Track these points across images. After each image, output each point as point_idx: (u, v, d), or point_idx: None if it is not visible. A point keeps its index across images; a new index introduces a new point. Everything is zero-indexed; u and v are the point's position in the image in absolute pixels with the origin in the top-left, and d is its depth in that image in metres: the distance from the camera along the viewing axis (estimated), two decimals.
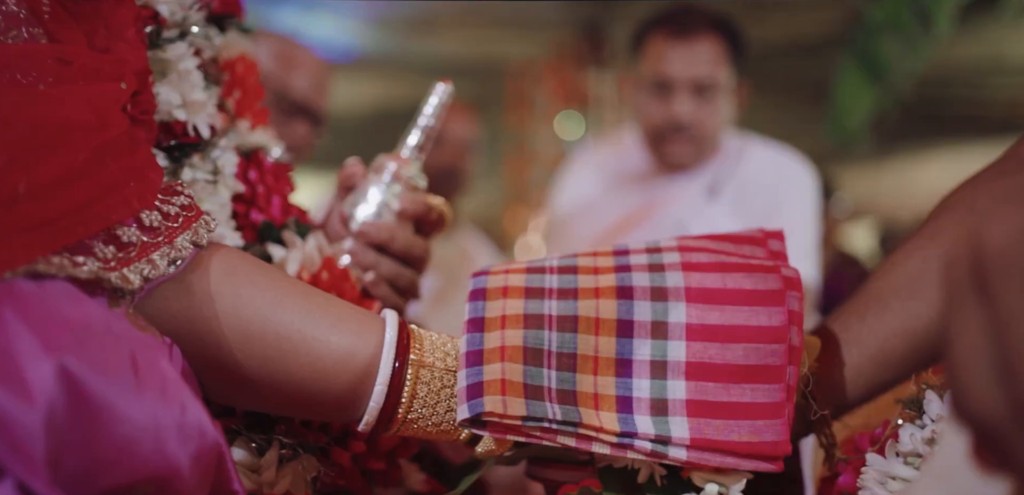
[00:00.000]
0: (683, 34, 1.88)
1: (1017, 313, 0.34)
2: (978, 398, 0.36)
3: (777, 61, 7.42)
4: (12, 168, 0.53)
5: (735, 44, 1.94)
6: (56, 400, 0.47)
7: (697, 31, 1.89)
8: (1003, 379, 0.35)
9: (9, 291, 0.49)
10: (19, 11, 0.63)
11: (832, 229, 5.36)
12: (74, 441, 0.48)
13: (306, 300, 0.68)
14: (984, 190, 0.81)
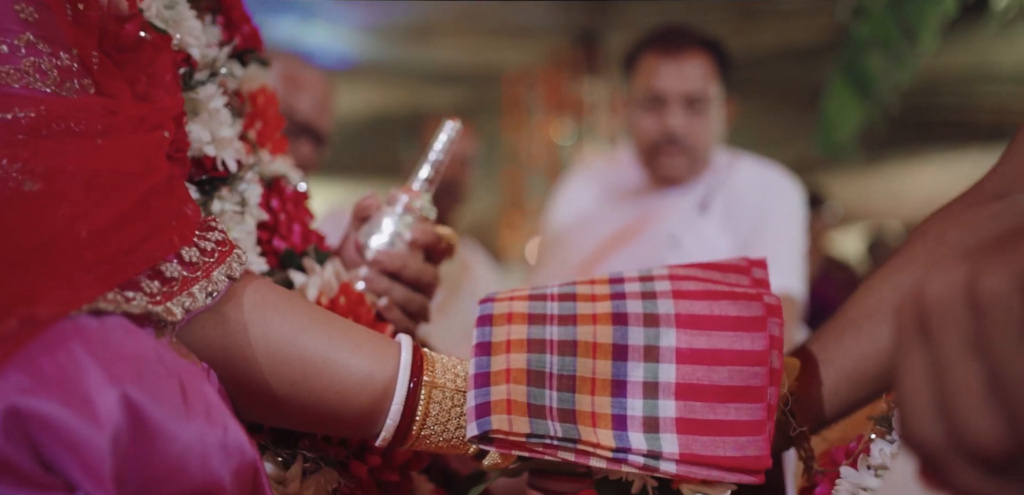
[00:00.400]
0: (674, 51, 1.96)
1: (951, 359, 0.41)
2: (921, 428, 0.42)
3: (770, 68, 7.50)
4: (74, 216, 0.60)
5: (722, 61, 2.02)
6: (120, 425, 0.54)
7: (687, 48, 1.96)
8: (941, 414, 0.41)
9: (76, 328, 0.55)
10: (72, 65, 0.69)
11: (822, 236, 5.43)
12: (134, 461, 0.55)
13: (329, 327, 0.74)
14: (954, 221, 0.87)
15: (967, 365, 0.40)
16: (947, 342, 0.41)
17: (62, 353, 0.54)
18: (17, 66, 0.66)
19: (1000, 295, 0.39)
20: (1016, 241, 0.41)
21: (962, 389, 0.40)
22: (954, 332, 0.41)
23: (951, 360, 0.41)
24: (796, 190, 2.03)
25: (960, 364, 0.40)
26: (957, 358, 0.40)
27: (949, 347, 0.41)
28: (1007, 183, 0.86)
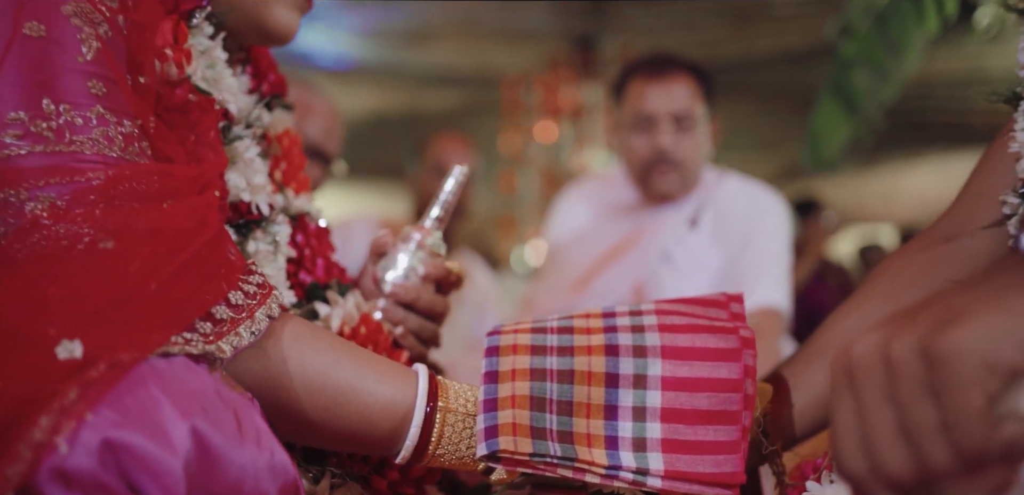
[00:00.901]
0: (660, 75, 2.08)
1: (870, 407, 0.52)
2: (848, 461, 0.53)
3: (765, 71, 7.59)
4: (144, 272, 0.70)
5: (706, 84, 2.14)
6: (190, 452, 0.64)
7: (672, 72, 2.08)
8: (863, 450, 0.52)
9: (151, 369, 0.66)
10: (134, 130, 0.80)
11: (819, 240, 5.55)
12: (200, 483, 0.65)
13: (356, 359, 0.85)
14: (910, 261, 0.99)
15: (882, 412, 0.51)
16: (867, 393, 0.52)
17: (142, 392, 0.64)
18: (89, 135, 0.77)
19: (905, 358, 0.50)
20: (922, 312, 0.52)
21: (878, 430, 0.51)
22: (872, 385, 0.52)
23: (870, 407, 0.52)
24: (781, 207, 2.14)
25: (877, 410, 0.51)
26: (874, 406, 0.51)
27: (869, 397, 0.52)
28: (957, 227, 0.98)
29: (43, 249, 0.71)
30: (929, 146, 8.61)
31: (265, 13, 1.00)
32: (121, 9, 0.83)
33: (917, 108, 7.43)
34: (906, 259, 1.00)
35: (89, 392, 0.62)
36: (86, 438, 0.61)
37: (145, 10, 0.87)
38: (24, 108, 0.75)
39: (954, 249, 0.96)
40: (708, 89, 2.15)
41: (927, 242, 1.00)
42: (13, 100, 0.75)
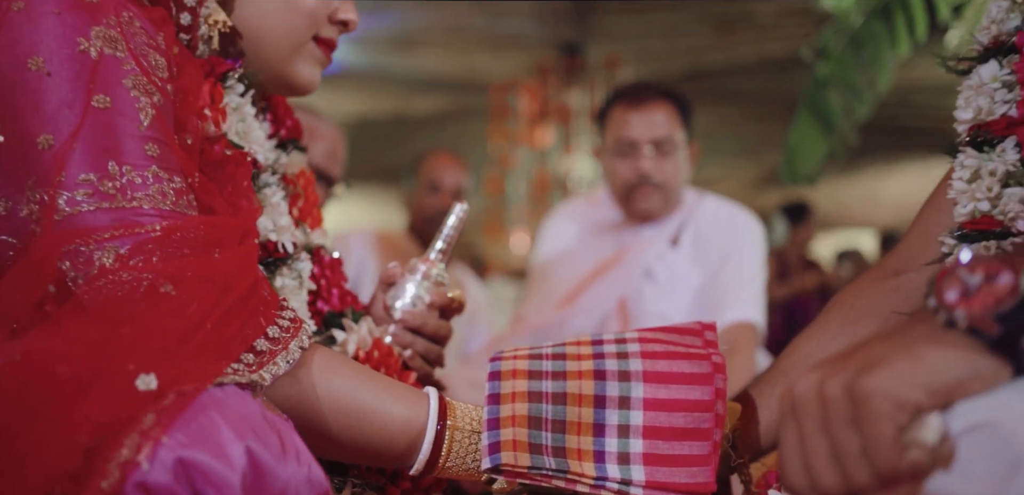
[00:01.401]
0: (641, 103, 2.22)
1: (809, 436, 0.65)
2: (792, 481, 0.66)
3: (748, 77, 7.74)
4: (201, 313, 0.83)
5: (684, 110, 2.27)
6: (245, 468, 0.77)
7: (652, 99, 2.23)
8: (804, 472, 0.66)
9: (210, 397, 0.79)
10: (183, 185, 0.93)
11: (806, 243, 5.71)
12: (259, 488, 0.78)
13: (376, 383, 0.98)
14: (862, 293, 1.12)
15: (818, 439, 0.64)
16: (806, 424, 0.65)
17: (205, 417, 0.77)
18: (147, 192, 0.89)
19: (835, 396, 0.63)
20: (850, 358, 0.65)
21: (815, 455, 0.64)
22: (810, 418, 0.65)
23: (808, 436, 0.65)
24: (758, 228, 2.28)
25: (814, 438, 0.65)
26: (812, 435, 0.65)
27: (808, 427, 0.65)
28: (904, 261, 1.11)
29: (111, 294, 0.83)
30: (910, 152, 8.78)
31: (291, 70, 1.12)
32: (170, 78, 0.96)
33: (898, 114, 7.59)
34: (859, 291, 1.13)
35: (163, 418, 0.75)
36: (163, 456, 0.73)
37: (188, 77, 0.99)
38: (93, 170, 0.87)
39: (902, 282, 1.09)
40: (686, 115, 2.29)
41: (878, 275, 1.13)
42: (84, 163, 0.87)
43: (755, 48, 7.17)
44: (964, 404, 0.61)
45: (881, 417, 0.61)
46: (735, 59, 7.40)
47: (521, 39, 7.27)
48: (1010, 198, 0.99)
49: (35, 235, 0.91)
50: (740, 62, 7.42)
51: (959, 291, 0.63)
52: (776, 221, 4.88)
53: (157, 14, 1.00)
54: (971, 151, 1.03)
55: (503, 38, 7.25)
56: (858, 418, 0.62)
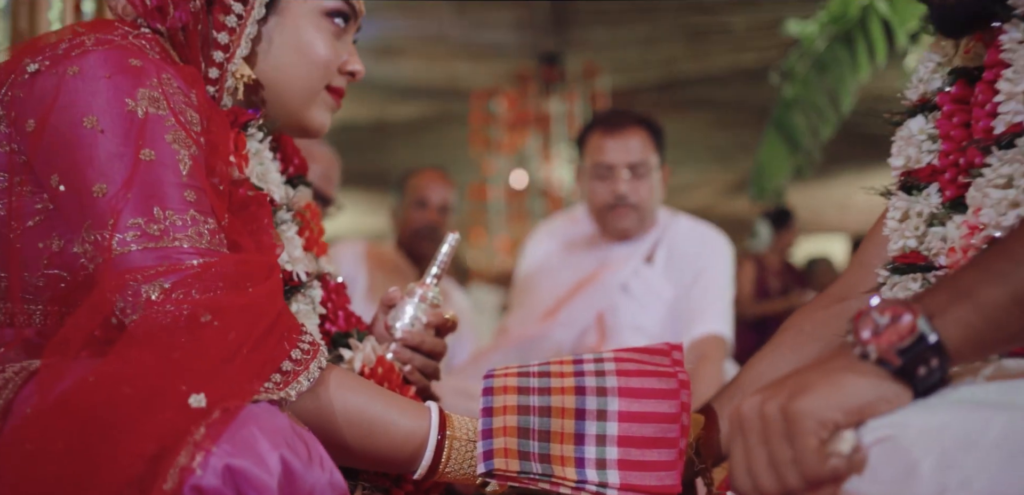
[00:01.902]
0: (616, 129, 2.38)
1: (752, 447, 0.80)
2: (740, 484, 0.82)
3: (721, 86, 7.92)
4: (239, 340, 0.97)
5: (657, 135, 2.43)
6: (280, 475, 0.91)
7: (628, 126, 2.38)
8: (749, 476, 0.81)
9: (249, 413, 0.93)
10: (215, 226, 1.06)
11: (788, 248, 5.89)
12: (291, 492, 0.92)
13: (384, 398, 1.12)
14: (809, 318, 1.28)
15: (759, 450, 0.79)
16: (750, 437, 0.80)
17: (245, 429, 0.91)
18: (186, 233, 1.03)
19: (772, 415, 0.78)
20: (785, 383, 0.80)
21: (757, 463, 0.80)
22: (753, 432, 0.80)
23: (752, 447, 0.80)
24: (727, 247, 2.45)
25: (756, 449, 0.80)
26: (755, 447, 0.80)
27: (751, 440, 0.80)
28: (847, 289, 1.27)
29: (159, 324, 0.97)
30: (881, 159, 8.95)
31: (306, 116, 1.27)
32: (202, 131, 1.10)
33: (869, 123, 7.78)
34: (808, 315, 1.29)
35: (212, 431, 0.89)
36: (213, 463, 0.87)
37: (216, 129, 1.13)
38: (141, 215, 1.01)
39: (844, 308, 1.25)
40: (660, 141, 2.45)
41: (825, 302, 1.29)
42: (134, 209, 1.01)
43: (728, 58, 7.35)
44: (873, 421, 0.77)
45: (808, 432, 0.76)
46: (709, 69, 7.58)
47: (501, 48, 7.42)
48: (933, 236, 1.14)
49: (86, 269, 1.05)
50: (714, 72, 7.60)
51: (870, 330, 0.78)
52: (760, 226, 5.05)
53: (190, 73, 1.14)
54: (902, 194, 1.19)
55: (483, 47, 7.40)
56: (790, 433, 0.77)
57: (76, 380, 0.91)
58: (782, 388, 0.79)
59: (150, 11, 1.18)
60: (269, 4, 1.21)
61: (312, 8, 1.24)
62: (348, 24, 1.28)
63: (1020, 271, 0.77)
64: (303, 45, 1.24)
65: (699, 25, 6.97)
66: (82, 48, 1.07)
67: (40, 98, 1.05)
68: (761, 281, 5.28)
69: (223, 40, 1.19)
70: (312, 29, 1.25)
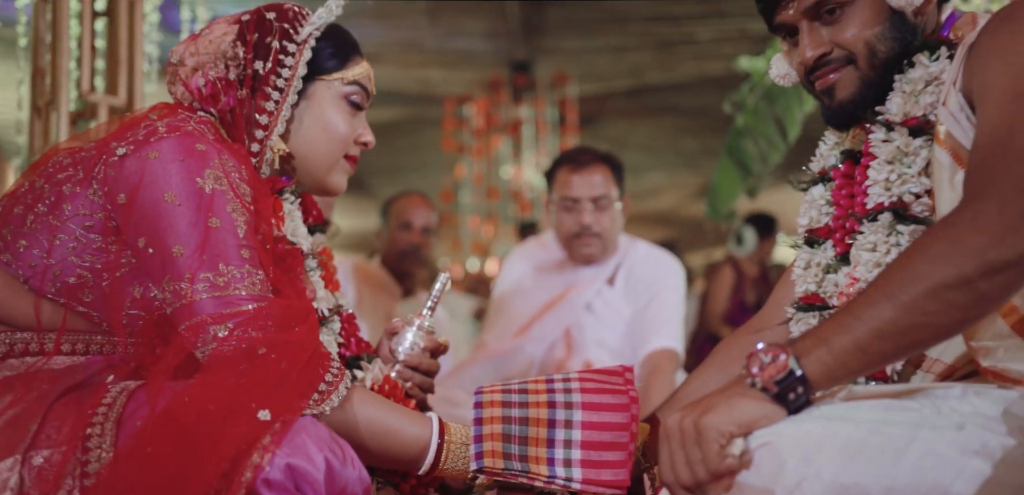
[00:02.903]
0: (582, 166, 2.73)
1: (673, 451, 1.14)
2: (666, 479, 1.15)
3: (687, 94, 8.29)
4: (288, 367, 1.29)
5: (618, 171, 2.78)
6: (325, 471, 1.24)
7: (591, 163, 2.74)
8: (672, 471, 1.14)
9: (300, 424, 1.25)
10: (264, 277, 1.38)
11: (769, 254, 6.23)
12: (329, 489, 1.25)
13: (396, 411, 1.45)
14: (734, 344, 1.62)
15: (679, 453, 1.13)
16: (672, 443, 1.14)
17: (298, 437, 1.24)
18: (243, 283, 1.35)
19: (687, 428, 1.12)
20: (699, 402, 1.14)
21: (677, 462, 1.13)
22: (674, 440, 1.14)
23: (673, 451, 1.14)
24: (679, 269, 2.81)
25: (676, 453, 1.13)
26: (675, 450, 1.14)
27: (673, 445, 1.14)
28: (764, 322, 1.62)
29: (226, 356, 1.29)
30: None
31: (328, 181, 1.58)
32: (252, 201, 1.42)
33: None
34: (734, 341, 1.64)
35: (275, 438, 1.21)
36: (277, 462, 1.20)
37: (261, 199, 1.45)
38: (210, 271, 1.33)
39: (762, 336, 1.59)
40: (620, 176, 2.80)
41: (747, 330, 1.64)
42: (204, 267, 1.33)
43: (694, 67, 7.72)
44: (758, 432, 1.10)
45: (711, 440, 1.10)
46: (676, 77, 7.95)
47: (473, 56, 7.75)
48: (829, 282, 1.49)
49: (162, 310, 1.36)
50: (680, 80, 7.97)
51: (758, 366, 1.12)
52: (746, 232, 5.35)
53: (239, 152, 1.46)
54: (805, 247, 1.53)
55: (456, 55, 7.72)
56: (699, 441, 1.11)
57: (172, 398, 1.23)
58: (695, 408, 1.13)
59: (205, 98, 1.50)
60: (300, 91, 1.53)
61: (334, 93, 1.56)
62: (364, 106, 1.60)
63: (860, 325, 1.10)
64: (327, 124, 1.56)
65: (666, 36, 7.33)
66: (157, 135, 1.38)
67: (128, 177, 1.36)
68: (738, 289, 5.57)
69: (263, 121, 1.51)
70: (334, 111, 1.56)
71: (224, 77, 1.50)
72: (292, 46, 1.52)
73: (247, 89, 1.50)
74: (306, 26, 1.54)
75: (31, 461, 1.21)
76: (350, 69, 1.58)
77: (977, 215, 1.10)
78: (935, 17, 1.43)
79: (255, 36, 1.51)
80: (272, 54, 1.51)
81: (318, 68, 1.55)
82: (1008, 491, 1.07)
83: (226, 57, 1.51)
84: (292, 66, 1.52)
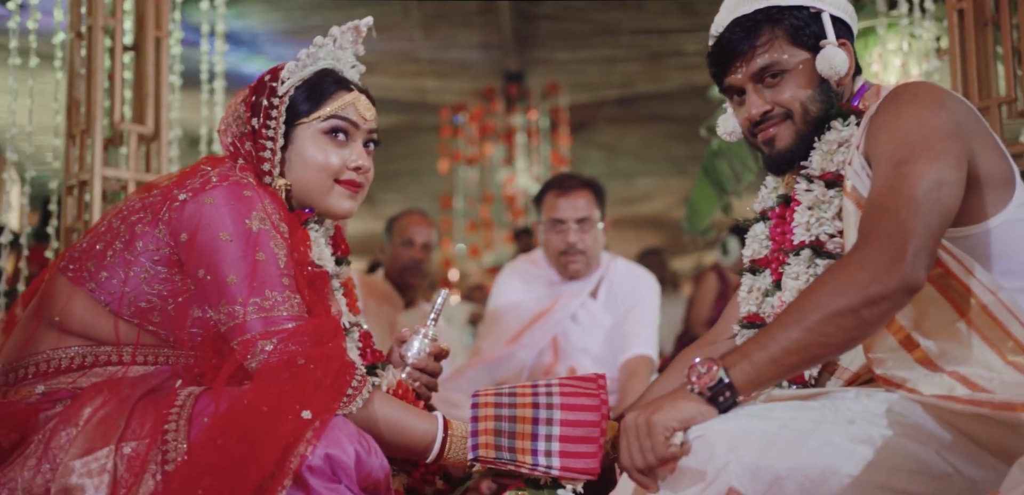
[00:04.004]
0: (567, 191, 3.08)
1: (631, 442, 1.47)
2: (626, 464, 1.49)
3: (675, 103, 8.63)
4: (324, 374, 1.62)
5: (600, 195, 3.14)
6: (354, 459, 1.57)
7: (576, 188, 3.09)
8: (628, 459, 1.48)
9: (334, 421, 1.59)
10: (300, 299, 1.71)
11: None
12: (359, 474, 1.58)
13: (409, 410, 1.78)
14: (691, 356, 1.96)
15: (634, 443, 1.47)
16: (629, 435, 1.48)
17: (334, 432, 1.57)
18: (284, 305, 1.68)
19: (640, 424, 1.46)
20: (651, 404, 1.48)
21: (634, 451, 1.47)
22: (630, 432, 1.48)
23: (630, 441, 1.48)
24: (654, 284, 3.17)
25: (632, 442, 1.47)
26: (631, 441, 1.48)
27: (629, 437, 1.48)
28: (717, 335, 1.96)
29: (273, 366, 1.62)
30: None
31: (326, 205, 1.88)
32: (289, 234, 1.75)
33: None
34: (692, 351, 1.97)
35: (316, 433, 1.54)
36: (318, 452, 1.53)
37: (295, 233, 1.78)
38: (257, 297, 1.66)
39: (713, 348, 1.93)
40: (602, 199, 3.15)
41: (702, 343, 1.98)
42: (253, 293, 1.66)
43: (682, 77, 8.07)
44: (695, 427, 1.44)
45: (658, 433, 1.43)
46: (664, 87, 8.29)
47: (468, 66, 8.08)
48: (767, 304, 1.83)
49: (217, 329, 1.69)
50: (668, 89, 8.31)
51: (696, 376, 1.46)
52: (730, 242, 5.64)
53: (273, 194, 1.79)
54: (748, 275, 1.87)
55: (451, 65, 8.06)
56: (649, 434, 1.44)
57: (232, 401, 1.56)
58: (647, 408, 1.47)
59: (234, 154, 1.83)
60: (286, 136, 1.84)
61: (313, 132, 1.85)
62: (351, 135, 1.89)
63: (774, 344, 1.44)
64: (308, 159, 1.85)
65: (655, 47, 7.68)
66: (211, 183, 1.71)
67: (188, 219, 1.69)
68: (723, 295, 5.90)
69: (266, 167, 1.83)
70: (313, 147, 1.85)
71: (238, 134, 1.84)
72: (276, 100, 1.84)
73: (250, 142, 1.83)
74: (285, 82, 1.86)
75: (122, 450, 1.54)
76: (326, 107, 1.85)
77: (863, 258, 1.44)
78: (850, 87, 1.77)
79: (253, 98, 1.85)
80: (263, 111, 1.83)
81: (296, 114, 1.85)
82: (885, 471, 1.41)
83: (238, 118, 1.85)
84: (276, 117, 1.83)
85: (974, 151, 1.57)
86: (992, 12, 2.92)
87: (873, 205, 1.51)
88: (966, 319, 1.50)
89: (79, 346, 1.70)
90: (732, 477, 1.39)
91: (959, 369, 1.49)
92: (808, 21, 1.73)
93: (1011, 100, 2.83)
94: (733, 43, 1.77)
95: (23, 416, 1.62)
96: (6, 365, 1.71)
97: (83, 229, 3.00)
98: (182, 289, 1.71)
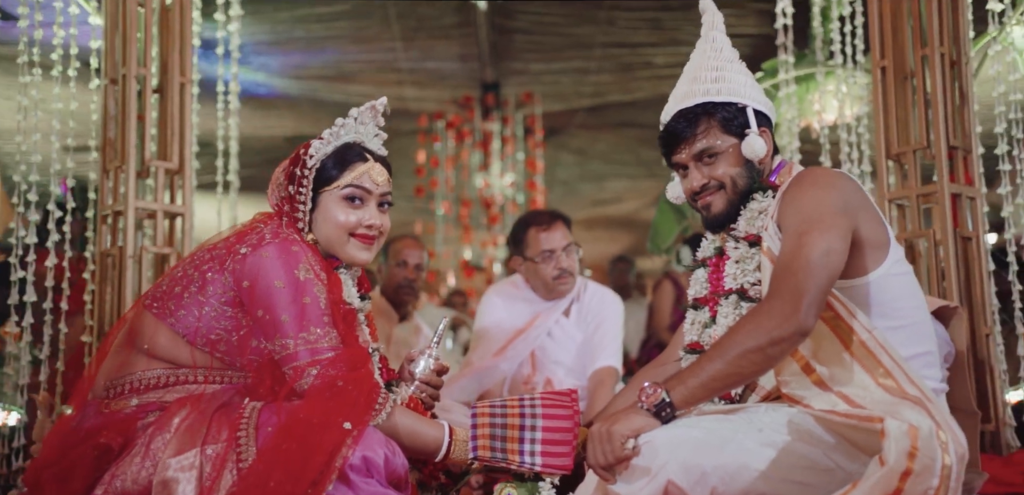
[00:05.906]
0: (549, 225, 3.62)
1: (596, 447, 2.00)
2: (592, 463, 2.01)
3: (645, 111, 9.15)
4: (359, 394, 2.13)
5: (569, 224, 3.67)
6: (383, 459, 2.08)
7: (554, 222, 3.65)
8: (594, 459, 2.00)
9: (367, 431, 2.09)
10: (336, 333, 2.21)
11: None
12: (386, 471, 2.09)
13: (422, 420, 2.30)
14: (648, 375, 2.48)
15: (598, 447, 1.99)
16: (594, 442, 2.00)
17: (368, 439, 2.08)
18: (325, 339, 2.19)
19: (602, 433, 1.98)
20: (613, 416, 2.00)
21: (596, 452, 1.99)
22: (595, 439, 2.00)
23: (595, 445, 2.00)
24: (618, 303, 3.72)
25: (596, 447, 2.00)
26: (596, 445, 2.00)
27: (594, 442, 2.00)
28: (668, 357, 2.49)
29: (317, 388, 2.13)
30: None
31: (345, 255, 2.39)
32: (326, 280, 2.25)
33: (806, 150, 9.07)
34: (648, 372, 2.50)
35: (355, 440, 2.05)
36: (357, 454, 2.04)
37: (330, 277, 2.28)
38: (304, 332, 2.16)
39: (665, 370, 2.45)
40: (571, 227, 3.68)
41: (656, 363, 2.50)
42: (301, 330, 2.16)
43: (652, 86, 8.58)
44: (644, 435, 1.96)
45: (615, 439, 1.95)
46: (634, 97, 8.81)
47: (446, 77, 8.57)
48: (706, 335, 2.35)
49: (271, 356, 2.19)
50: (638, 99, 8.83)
51: (645, 396, 1.98)
52: (683, 251, 6.14)
53: (313, 247, 2.29)
54: (692, 309, 2.40)
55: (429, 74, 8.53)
56: (609, 440, 1.96)
57: (288, 415, 2.06)
58: (608, 419, 1.98)
59: (279, 212, 2.33)
60: (314, 199, 2.34)
61: (334, 197, 2.36)
62: (365, 199, 2.39)
63: (703, 372, 1.96)
64: (330, 218, 2.36)
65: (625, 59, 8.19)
66: (265, 240, 2.21)
67: (249, 269, 2.19)
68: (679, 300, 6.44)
69: (300, 226, 2.34)
70: (334, 209, 2.36)
71: (280, 197, 2.34)
72: (306, 171, 2.34)
73: (288, 204, 2.33)
74: (313, 157, 2.35)
75: (206, 451, 2.04)
76: (346, 175, 2.35)
77: (770, 308, 1.96)
78: (769, 164, 2.30)
79: (291, 169, 2.35)
80: (297, 180, 2.34)
81: (322, 181, 2.35)
82: (785, 467, 1.94)
83: (278, 185, 2.36)
84: (306, 186, 2.34)
85: (858, 221, 2.09)
86: (911, 67, 3.44)
87: (779, 266, 2.03)
88: (849, 351, 2.03)
89: (163, 369, 2.20)
90: (670, 472, 1.91)
91: (843, 389, 2.01)
92: (736, 114, 2.25)
93: (924, 147, 3.37)
94: (678, 130, 2.29)
95: (124, 424, 2.12)
96: (108, 383, 2.20)
97: (118, 255, 3.47)
98: (244, 325, 2.21)
